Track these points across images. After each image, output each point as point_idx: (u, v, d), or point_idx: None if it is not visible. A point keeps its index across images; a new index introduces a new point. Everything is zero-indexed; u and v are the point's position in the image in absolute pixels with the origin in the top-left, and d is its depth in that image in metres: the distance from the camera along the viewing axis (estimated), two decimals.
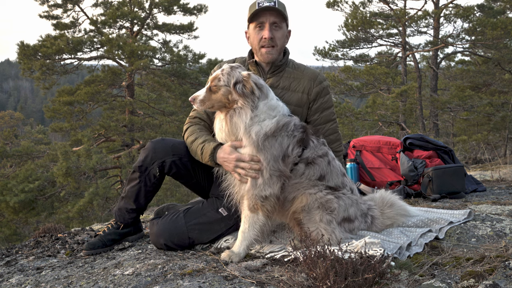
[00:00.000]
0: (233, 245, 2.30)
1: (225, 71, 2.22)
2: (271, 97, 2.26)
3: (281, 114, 2.23)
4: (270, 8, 2.42)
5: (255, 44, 2.51)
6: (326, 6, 16.18)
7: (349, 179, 2.42)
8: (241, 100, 2.17)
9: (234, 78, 2.19)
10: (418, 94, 15.04)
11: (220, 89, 2.20)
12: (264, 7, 2.42)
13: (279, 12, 2.45)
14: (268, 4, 2.42)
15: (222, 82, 2.20)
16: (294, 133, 2.23)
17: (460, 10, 14.56)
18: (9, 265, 2.53)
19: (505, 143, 14.97)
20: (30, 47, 14.13)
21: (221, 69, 2.26)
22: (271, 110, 2.21)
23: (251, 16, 2.47)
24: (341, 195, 2.27)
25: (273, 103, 2.24)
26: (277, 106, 2.25)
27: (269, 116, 2.20)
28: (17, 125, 39.34)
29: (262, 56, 2.52)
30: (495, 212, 2.86)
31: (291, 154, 2.21)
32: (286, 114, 2.27)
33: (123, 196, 2.63)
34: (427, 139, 3.98)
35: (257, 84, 2.20)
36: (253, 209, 2.23)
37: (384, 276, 1.74)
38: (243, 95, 2.16)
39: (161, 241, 2.44)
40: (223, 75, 2.21)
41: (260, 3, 2.43)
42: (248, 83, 2.17)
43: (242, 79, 2.19)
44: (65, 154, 12.49)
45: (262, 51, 2.50)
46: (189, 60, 15.58)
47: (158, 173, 2.49)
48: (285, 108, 2.30)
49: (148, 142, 2.57)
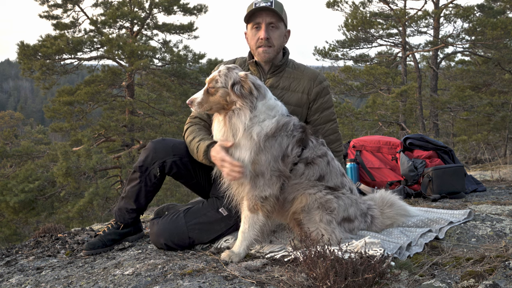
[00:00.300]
0: (233, 245, 2.30)
1: (222, 72, 2.21)
2: (269, 97, 2.26)
3: (280, 113, 2.23)
4: (266, 8, 2.42)
5: (253, 45, 2.52)
6: (326, 6, 16.18)
7: (348, 179, 2.42)
8: (239, 101, 2.16)
9: (231, 79, 2.18)
10: (418, 94, 15.03)
11: (218, 90, 2.19)
12: (260, 7, 2.42)
13: (275, 12, 2.44)
14: (264, 4, 2.41)
15: (220, 84, 2.19)
16: (293, 133, 2.22)
17: (460, 10, 14.56)
18: (9, 265, 2.53)
19: (505, 143, 14.97)
20: (30, 47, 14.13)
21: (218, 70, 2.25)
22: (270, 110, 2.21)
23: (247, 16, 2.47)
24: (341, 195, 2.27)
25: (271, 102, 2.24)
26: (275, 105, 2.24)
27: (268, 116, 2.19)
28: (17, 125, 39.34)
29: (259, 55, 2.52)
30: (495, 212, 2.86)
31: (290, 154, 2.21)
32: (285, 113, 2.27)
33: (123, 196, 2.63)
34: (427, 139, 3.98)
35: (255, 84, 2.19)
36: (253, 209, 2.23)
37: (384, 276, 1.75)
38: (241, 96, 2.15)
39: (161, 241, 2.45)
40: (220, 76, 2.20)
41: (257, 3, 2.43)
42: (246, 84, 2.16)
43: (240, 79, 2.18)
44: (65, 154, 12.49)
45: (259, 51, 2.50)
46: (189, 60, 15.58)
47: (158, 173, 2.49)
48: (283, 108, 2.29)
49: (149, 142, 2.57)
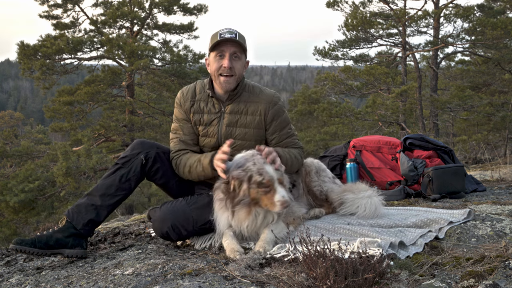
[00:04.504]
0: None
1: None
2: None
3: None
4: (231, 39, 2.56)
5: (214, 71, 2.62)
6: (326, 6, 16.19)
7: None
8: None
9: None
10: (418, 94, 15.03)
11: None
12: (226, 39, 2.55)
13: (239, 43, 2.58)
14: (229, 36, 2.56)
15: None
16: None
17: (460, 10, 14.55)
18: (9, 265, 2.53)
19: (505, 143, 14.98)
20: (30, 47, 14.14)
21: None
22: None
23: (213, 45, 2.58)
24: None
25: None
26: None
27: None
28: (17, 125, 39.28)
29: (220, 84, 2.63)
30: (495, 212, 2.86)
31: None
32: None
33: (87, 193, 2.53)
34: (427, 139, 3.98)
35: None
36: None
37: (384, 276, 1.75)
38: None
39: (167, 224, 2.46)
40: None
41: (222, 34, 2.56)
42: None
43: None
44: (65, 154, 12.50)
45: (220, 79, 2.61)
46: (189, 60, 15.58)
47: (144, 161, 2.55)
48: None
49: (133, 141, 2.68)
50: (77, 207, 2.47)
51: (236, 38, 2.56)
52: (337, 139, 16.18)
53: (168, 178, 2.68)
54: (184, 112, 2.72)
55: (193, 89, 2.74)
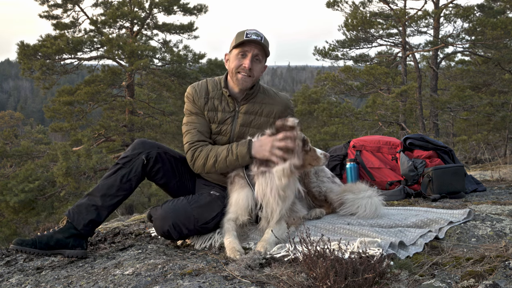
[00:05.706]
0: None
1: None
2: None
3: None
4: (256, 41, 2.56)
5: (233, 68, 2.61)
6: (326, 6, 16.18)
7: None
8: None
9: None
10: (418, 94, 15.03)
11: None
12: (252, 40, 2.55)
13: (263, 47, 2.59)
14: (255, 37, 2.56)
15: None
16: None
17: (460, 10, 14.55)
18: (9, 265, 2.53)
19: (505, 143, 14.98)
20: (30, 47, 14.14)
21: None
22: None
23: (237, 44, 2.58)
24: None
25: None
26: None
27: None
28: (17, 125, 39.30)
29: (237, 81, 2.62)
30: (495, 212, 2.86)
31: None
32: None
33: (88, 193, 2.52)
34: (427, 139, 3.98)
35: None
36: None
37: (384, 276, 1.75)
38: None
39: (168, 222, 2.44)
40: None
41: (249, 34, 2.56)
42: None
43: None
44: (65, 154, 12.50)
45: (238, 76, 2.61)
46: (189, 60, 15.58)
47: (145, 161, 2.53)
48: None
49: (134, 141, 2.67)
50: (78, 207, 2.46)
51: (262, 41, 2.57)
52: (337, 139, 16.17)
53: (169, 178, 2.67)
54: (198, 107, 2.69)
55: (205, 86, 2.71)
